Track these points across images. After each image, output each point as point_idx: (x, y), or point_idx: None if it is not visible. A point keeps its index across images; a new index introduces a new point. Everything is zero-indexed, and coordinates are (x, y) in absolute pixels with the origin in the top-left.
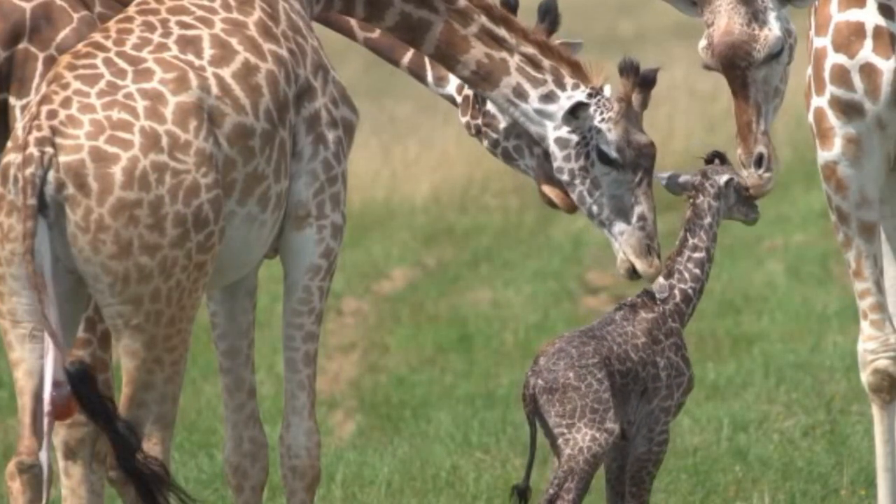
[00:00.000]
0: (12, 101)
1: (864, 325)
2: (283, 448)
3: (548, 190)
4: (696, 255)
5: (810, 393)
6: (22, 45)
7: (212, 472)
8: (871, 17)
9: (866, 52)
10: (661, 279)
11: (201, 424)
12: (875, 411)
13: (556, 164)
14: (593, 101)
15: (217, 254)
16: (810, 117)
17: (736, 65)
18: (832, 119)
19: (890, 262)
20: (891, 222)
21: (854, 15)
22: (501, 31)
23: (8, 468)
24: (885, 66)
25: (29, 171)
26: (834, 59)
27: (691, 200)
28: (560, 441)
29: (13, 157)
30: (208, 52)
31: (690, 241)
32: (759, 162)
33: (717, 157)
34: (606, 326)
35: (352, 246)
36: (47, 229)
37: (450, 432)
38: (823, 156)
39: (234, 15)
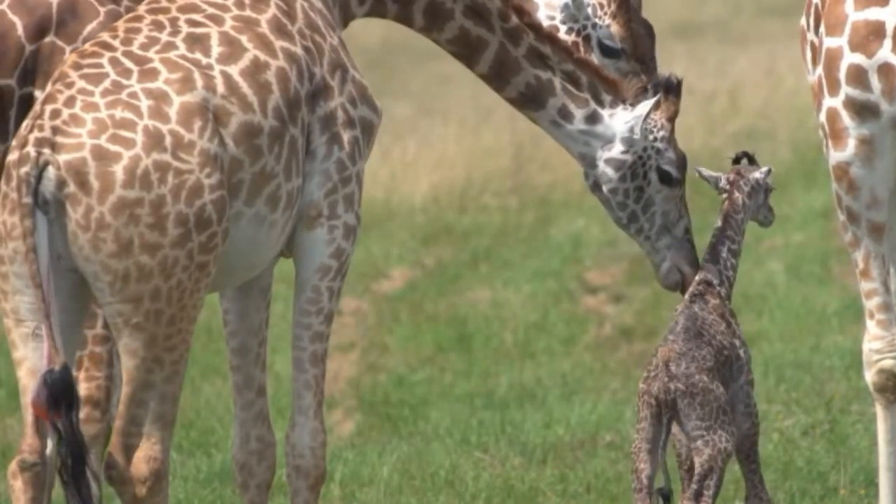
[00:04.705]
0: (38, 94)
1: (870, 325)
2: (288, 447)
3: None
4: (733, 246)
5: (810, 392)
6: (48, 39)
7: (210, 471)
8: (892, 16)
9: (885, 53)
10: (710, 266)
11: (200, 424)
12: (879, 411)
13: (609, 186)
14: (650, 119)
15: (220, 254)
16: (822, 118)
17: None
18: (846, 120)
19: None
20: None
21: (874, 14)
22: (546, 49)
23: (10, 467)
24: None
25: (24, 170)
26: (850, 59)
27: (726, 195)
28: (700, 443)
29: (15, 155)
30: (216, 50)
31: (728, 232)
32: None
33: (745, 157)
34: (695, 322)
35: None
36: (47, 227)
37: (449, 431)
38: (836, 156)
39: (247, 13)
